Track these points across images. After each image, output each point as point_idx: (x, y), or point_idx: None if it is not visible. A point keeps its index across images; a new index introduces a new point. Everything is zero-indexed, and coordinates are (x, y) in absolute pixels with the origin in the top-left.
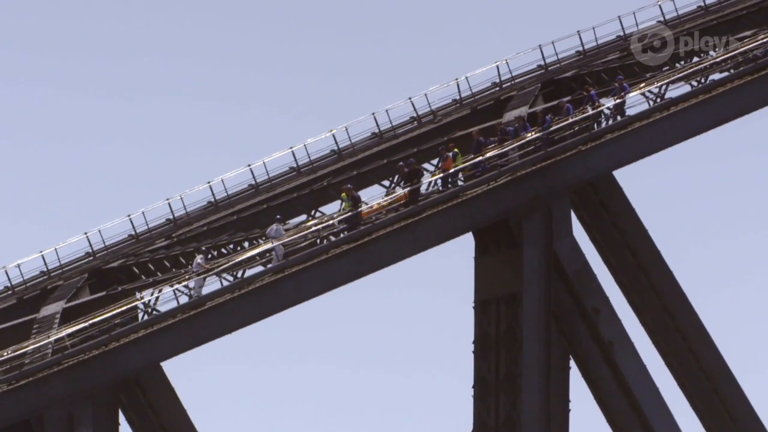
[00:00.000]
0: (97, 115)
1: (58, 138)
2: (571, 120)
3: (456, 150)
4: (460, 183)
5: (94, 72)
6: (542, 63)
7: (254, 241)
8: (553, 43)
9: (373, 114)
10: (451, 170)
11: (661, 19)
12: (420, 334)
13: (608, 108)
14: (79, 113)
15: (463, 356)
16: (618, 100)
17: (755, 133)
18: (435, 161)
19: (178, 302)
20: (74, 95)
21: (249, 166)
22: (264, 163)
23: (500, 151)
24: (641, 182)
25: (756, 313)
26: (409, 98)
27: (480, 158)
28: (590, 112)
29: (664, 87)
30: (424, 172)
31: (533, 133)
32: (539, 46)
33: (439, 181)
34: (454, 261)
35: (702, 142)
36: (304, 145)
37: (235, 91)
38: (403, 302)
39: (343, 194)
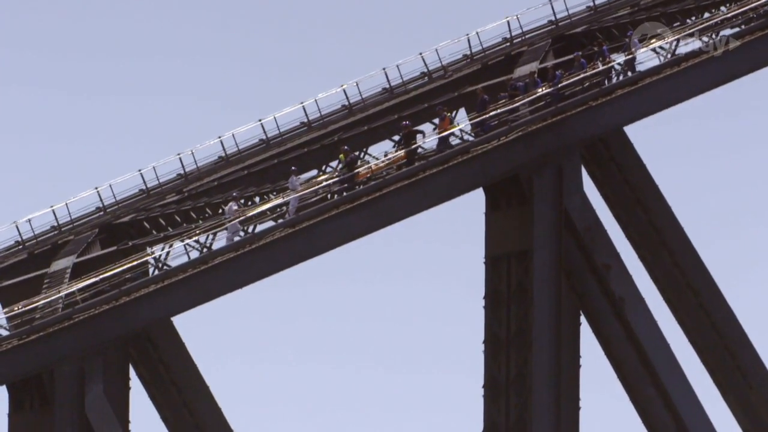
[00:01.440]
0: (108, 72)
1: (69, 90)
2: (581, 75)
3: (450, 113)
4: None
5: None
6: (553, 19)
7: (265, 196)
8: None
9: (384, 69)
10: (448, 131)
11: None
12: (430, 290)
13: (619, 63)
14: (92, 68)
15: (474, 312)
16: (629, 56)
17: (766, 89)
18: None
19: (188, 257)
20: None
21: (260, 121)
22: (275, 118)
23: (510, 107)
24: (652, 138)
25: (767, 267)
26: (420, 54)
27: (485, 116)
28: (601, 67)
29: (675, 43)
30: (423, 133)
31: (544, 88)
32: (550, 1)
33: (436, 142)
34: (465, 217)
35: (713, 97)
36: (315, 101)
37: (246, 46)
38: (414, 257)
39: (341, 155)
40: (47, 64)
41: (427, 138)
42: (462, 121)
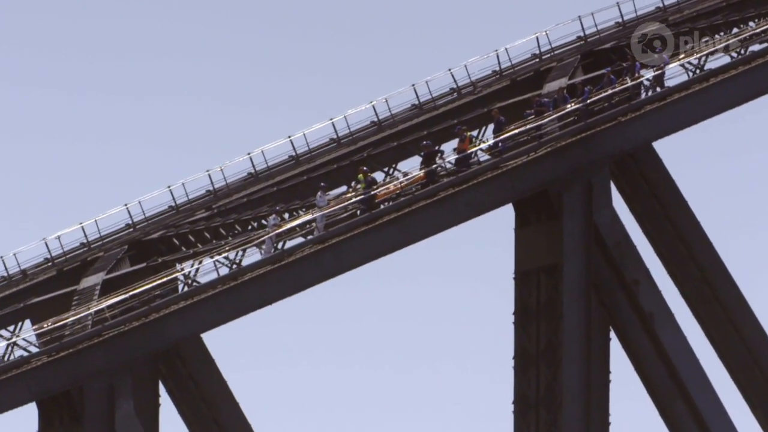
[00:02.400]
0: (142, 79)
1: (103, 101)
2: (610, 91)
3: (469, 133)
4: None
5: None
6: (582, 34)
7: (294, 213)
8: (592, 14)
9: (413, 85)
10: (468, 151)
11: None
12: (460, 304)
13: (648, 79)
14: (129, 75)
15: (503, 327)
16: (657, 71)
17: None
18: (474, 132)
19: (218, 273)
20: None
21: (289, 137)
22: (304, 134)
23: (538, 124)
24: (681, 153)
25: None
26: (449, 69)
27: (500, 137)
28: (629, 83)
29: (703, 58)
30: (443, 153)
31: (573, 104)
32: (579, 17)
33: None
34: (495, 232)
35: (741, 113)
36: (344, 117)
37: (276, 61)
38: (444, 273)
39: (360, 176)
40: (80, 72)
41: (447, 157)
42: (489, 138)
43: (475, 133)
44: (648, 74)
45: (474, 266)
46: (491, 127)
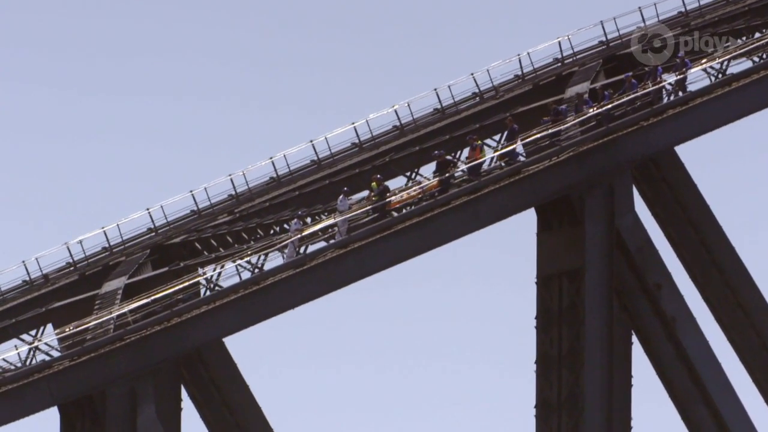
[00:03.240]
0: (166, 81)
1: (127, 104)
2: (630, 96)
3: (480, 142)
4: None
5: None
6: (604, 39)
7: (316, 217)
8: (614, 18)
9: (435, 90)
10: (479, 160)
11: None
12: (482, 309)
13: (670, 84)
14: (153, 77)
15: (525, 331)
16: (680, 76)
17: None
18: (496, 137)
19: (240, 278)
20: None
21: (311, 141)
22: (326, 138)
23: (559, 128)
24: (703, 158)
25: None
26: (472, 74)
27: (513, 146)
28: (651, 87)
29: (725, 63)
30: (457, 163)
31: (594, 108)
32: (601, 22)
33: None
34: (517, 237)
35: (763, 117)
36: (366, 121)
37: (299, 65)
38: (466, 277)
39: (373, 183)
40: (104, 74)
41: (459, 167)
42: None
43: (488, 141)
44: (671, 78)
45: (496, 271)
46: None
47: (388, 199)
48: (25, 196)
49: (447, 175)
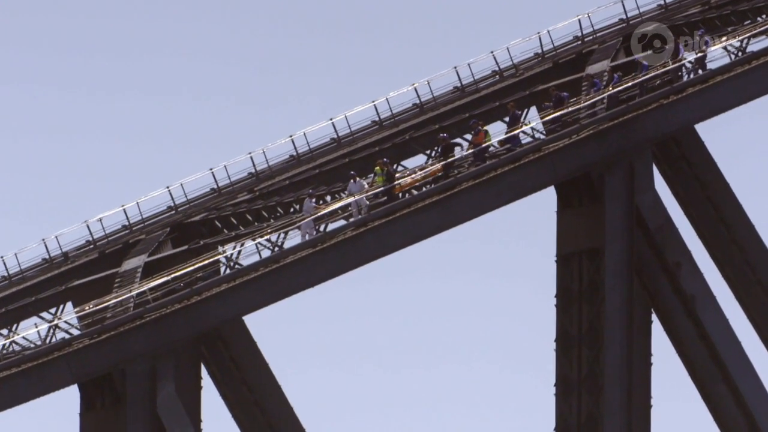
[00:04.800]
0: (178, 71)
1: (140, 90)
2: (650, 74)
3: (484, 127)
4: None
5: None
6: (624, 17)
7: (336, 195)
8: None
9: (455, 68)
10: (483, 145)
11: None
12: (502, 288)
13: (690, 62)
14: (161, 66)
15: (545, 310)
16: (699, 54)
17: None
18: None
19: (260, 256)
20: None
21: (331, 120)
22: (346, 117)
23: (578, 107)
24: (723, 136)
25: None
26: (491, 52)
27: (515, 131)
28: (671, 65)
29: (745, 41)
30: (461, 146)
31: (612, 88)
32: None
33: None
34: (537, 215)
35: None
36: (386, 99)
37: (317, 46)
38: (486, 256)
39: (377, 168)
40: (115, 64)
41: (464, 151)
42: (533, 120)
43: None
44: (690, 57)
45: (516, 249)
46: (533, 110)
47: (395, 183)
48: (46, 175)
49: (451, 158)
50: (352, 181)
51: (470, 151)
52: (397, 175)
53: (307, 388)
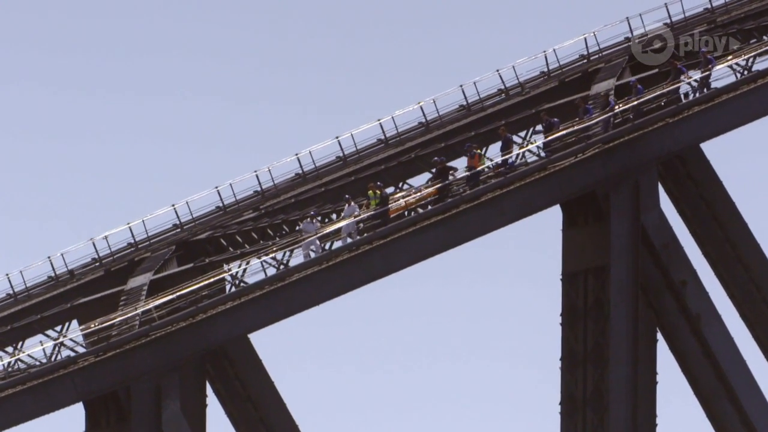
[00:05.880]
0: (191, 78)
1: (151, 101)
2: (657, 93)
3: (479, 151)
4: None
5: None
6: (630, 35)
7: (341, 213)
8: (640, 15)
9: (461, 86)
10: (478, 168)
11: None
12: (507, 305)
13: (695, 80)
14: (177, 74)
15: (551, 328)
16: (704, 73)
17: None
18: (522, 133)
19: (265, 274)
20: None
21: (337, 138)
22: (352, 135)
23: (584, 125)
24: (729, 154)
25: None
26: (497, 70)
27: (507, 156)
28: (668, 87)
29: (751, 59)
30: (455, 171)
31: (620, 105)
32: (627, 18)
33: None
34: (542, 233)
35: None
36: (392, 117)
37: (323, 61)
38: (491, 273)
39: (370, 192)
40: (127, 72)
41: (459, 174)
42: (537, 139)
43: (485, 149)
44: (695, 75)
45: (521, 267)
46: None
47: (388, 206)
48: (51, 192)
49: (446, 182)
50: (347, 204)
51: (465, 174)
52: (391, 198)
53: (313, 406)
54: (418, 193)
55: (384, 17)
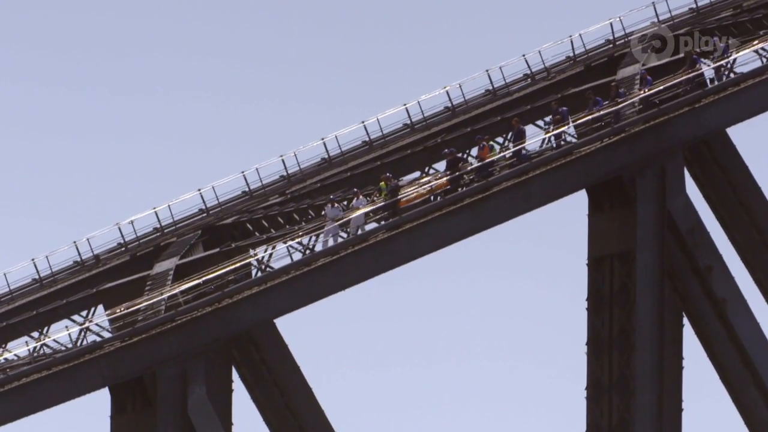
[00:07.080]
0: (211, 72)
1: (172, 92)
2: (683, 77)
3: (491, 142)
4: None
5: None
6: (656, 20)
7: (368, 198)
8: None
9: (487, 71)
10: (487, 160)
11: None
12: (533, 291)
13: (713, 68)
14: (196, 68)
15: (577, 313)
16: (717, 63)
17: None
18: (547, 118)
19: (291, 259)
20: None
21: (363, 122)
22: (378, 119)
23: (611, 110)
24: (755, 139)
25: None
26: (523, 55)
27: (520, 146)
28: (684, 76)
29: None
30: (467, 161)
31: (644, 91)
32: (653, 3)
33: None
34: (568, 218)
35: None
36: (418, 102)
37: (351, 48)
38: (517, 259)
39: (382, 183)
40: (148, 63)
41: (469, 166)
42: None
43: (500, 139)
44: (714, 65)
45: (547, 252)
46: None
47: (398, 197)
48: (78, 177)
49: (457, 173)
50: (355, 198)
51: (475, 165)
52: (402, 190)
53: (338, 391)
54: (429, 185)
55: (413, 3)
